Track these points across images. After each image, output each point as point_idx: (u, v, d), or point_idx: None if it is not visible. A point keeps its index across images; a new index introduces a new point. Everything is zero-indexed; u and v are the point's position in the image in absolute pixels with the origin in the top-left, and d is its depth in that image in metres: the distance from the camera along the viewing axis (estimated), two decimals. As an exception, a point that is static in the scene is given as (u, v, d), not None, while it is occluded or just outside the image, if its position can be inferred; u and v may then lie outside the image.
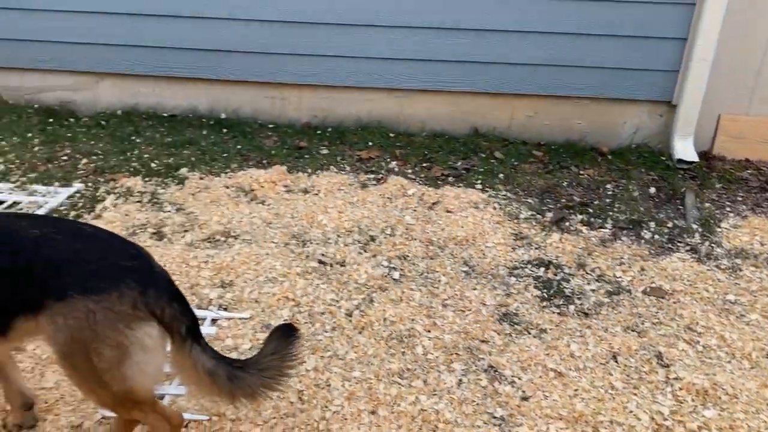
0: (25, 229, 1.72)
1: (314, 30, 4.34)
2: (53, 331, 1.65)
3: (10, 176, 3.81)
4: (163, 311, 1.68)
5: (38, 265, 1.65)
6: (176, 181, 3.81)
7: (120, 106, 4.70)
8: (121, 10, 4.37)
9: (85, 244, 1.72)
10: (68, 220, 1.91)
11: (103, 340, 1.63)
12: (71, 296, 1.62)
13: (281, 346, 1.81)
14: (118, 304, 1.63)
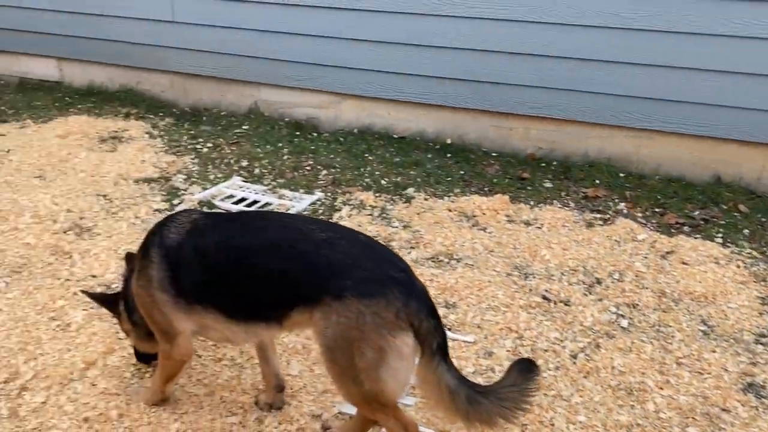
0: (314, 232, 1.92)
1: (548, 63, 4.33)
2: (324, 326, 1.81)
3: (263, 179, 4.29)
4: (420, 324, 1.77)
5: (322, 264, 1.83)
6: (403, 199, 4.02)
7: (357, 125, 5.08)
8: (365, 36, 4.74)
9: (362, 252, 1.88)
10: (347, 228, 2.08)
11: (367, 341, 1.76)
12: (347, 297, 1.77)
13: (521, 379, 1.83)
14: (384, 310, 1.75)
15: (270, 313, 1.94)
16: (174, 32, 5.30)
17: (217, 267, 1.96)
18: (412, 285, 1.84)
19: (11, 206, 3.69)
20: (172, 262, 2.01)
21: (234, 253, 1.94)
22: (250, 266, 1.91)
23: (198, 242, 2.01)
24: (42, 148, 4.57)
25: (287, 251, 1.88)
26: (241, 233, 2.00)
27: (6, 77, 6.16)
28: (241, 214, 2.31)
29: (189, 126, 5.17)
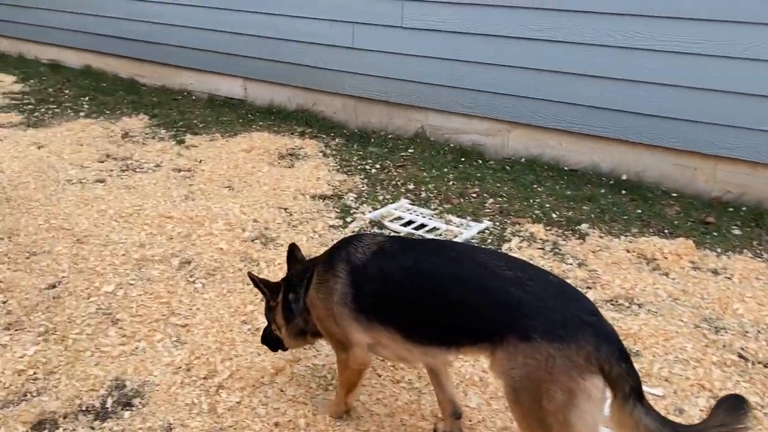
0: (502, 270, 1.92)
1: (745, 101, 4.02)
2: (509, 367, 1.81)
3: (430, 203, 4.35)
4: (611, 368, 1.72)
5: (511, 303, 1.83)
6: (576, 235, 3.88)
7: (524, 155, 5.01)
8: (538, 66, 4.68)
9: (552, 294, 1.85)
10: (537, 267, 2.06)
11: (556, 383, 1.73)
12: (536, 339, 1.76)
13: (730, 419, 1.70)
14: (575, 354, 1.72)
15: (449, 341, 1.97)
16: (352, 58, 5.55)
17: (402, 290, 2.02)
18: (602, 329, 1.80)
19: (206, 213, 4.02)
20: (356, 280, 2.09)
21: (420, 279, 1.99)
22: (435, 294, 1.95)
23: (384, 264, 2.09)
24: (229, 161, 4.95)
25: (475, 285, 1.91)
26: (428, 260, 2.04)
27: (197, 93, 6.77)
28: (428, 242, 2.33)
29: (358, 147, 5.37)
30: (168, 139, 5.42)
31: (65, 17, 7.50)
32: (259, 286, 2.40)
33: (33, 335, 2.78)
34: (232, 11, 6.16)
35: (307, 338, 2.40)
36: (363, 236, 2.26)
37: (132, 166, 4.83)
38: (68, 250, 3.50)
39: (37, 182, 4.43)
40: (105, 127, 5.67)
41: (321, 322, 2.22)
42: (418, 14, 5.09)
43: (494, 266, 1.94)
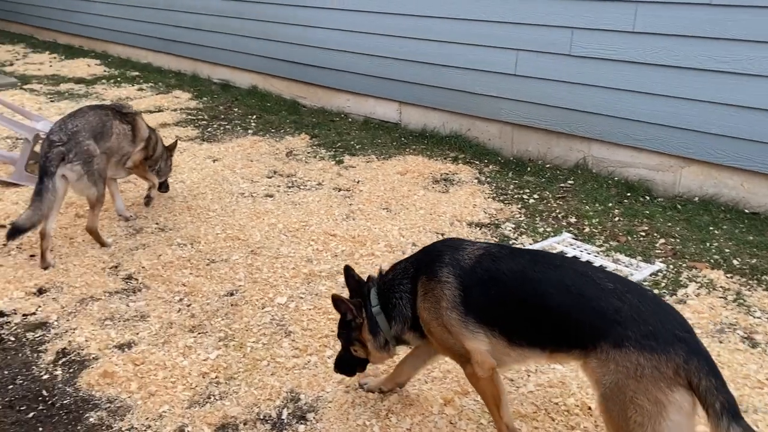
0: (603, 281, 1.97)
1: None
2: (602, 374, 1.85)
3: (594, 239, 4.15)
4: (699, 381, 1.73)
5: (608, 312, 1.87)
6: (763, 285, 3.53)
7: (698, 193, 4.67)
8: (720, 99, 4.35)
9: (648, 307, 1.87)
10: (635, 283, 2.08)
11: (645, 393, 1.76)
12: (628, 347, 1.81)
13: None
14: (664, 365, 1.76)
15: (546, 345, 2.03)
16: (512, 84, 5.49)
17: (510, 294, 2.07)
18: (695, 344, 1.81)
19: (367, 233, 4.10)
20: (465, 284, 2.11)
21: (526, 284, 2.05)
22: (540, 299, 1.99)
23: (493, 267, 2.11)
24: (386, 183, 5.04)
25: (577, 293, 1.95)
26: (534, 267, 2.08)
27: (354, 115, 7.00)
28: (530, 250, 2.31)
29: (513, 175, 5.27)
30: (328, 159, 5.63)
31: (237, 40, 8.08)
32: (346, 305, 2.40)
33: (214, 339, 2.95)
34: (388, 37, 6.32)
35: (391, 349, 2.41)
36: (461, 241, 2.31)
37: (296, 183, 5.05)
38: (243, 260, 3.71)
39: (214, 193, 4.76)
40: (271, 144, 6.00)
41: (438, 333, 2.19)
42: (588, 43, 4.93)
43: (596, 277, 2.00)
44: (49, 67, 9.66)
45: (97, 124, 3.79)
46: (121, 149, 3.97)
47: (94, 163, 3.68)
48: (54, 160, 3.52)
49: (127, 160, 4.09)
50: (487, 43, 5.56)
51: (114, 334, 2.98)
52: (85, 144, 3.65)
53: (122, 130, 3.96)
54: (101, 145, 3.78)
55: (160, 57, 9.57)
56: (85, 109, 3.92)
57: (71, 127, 3.67)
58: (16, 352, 2.87)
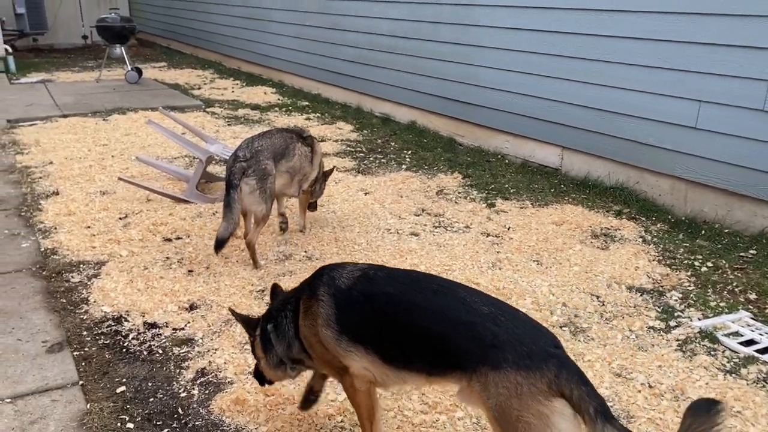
0: (478, 305, 2.03)
1: None
2: (486, 397, 1.93)
3: None
4: (571, 391, 1.83)
5: (486, 337, 1.95)
6: None
7: None
8: None
9: (522, 329, 1.97)
10: (507, 304, 2.12)
11: (527, 409, 1.86)
12: (505, 368, 1.89)
13: (701, 420, 1.77)
14: (538, 381, 1.86)
15: (424, 369, 2.09)
16: (692, 138, 4.99)
17: (384, 316, 2.13)
18: (565, 359, 1.93)
19: (513, 286, 3.88)
20: (339, 303, 2.18)
21: (401, 307, 2.10)
22: (416, 323, 2.07)
23: (368, 289, 2.18)
24: (539, 232, 4.77)
25: (453, 318, 2.01)
26: (410, 291, 2.14)
27: (511, 157, 6.80)
28: (412, 272, 2.36)
29: (684, 237, 4.76)
30: (479, 201, 5.47)
31: (399, 76, 8.24)
32: (240, 321, 2.55)
33: (344, 380, 2.89)
34: (554, 79, 6.07)
35: (287, 371, 2.45)
36: (344, 264, 2.33)
37: (444, 223, 4.95)
38: (382, 300, 3.64)
39: (361, 227, 4.79)
40: (422, 181, 5.97)
41: (312, 351, 2.30)
42: (787, 97, 4.36)
43: (472, 302, 2.05)
44: (231, 92, 10.51)
45: (280, 145, 4.13)
46: (302, 169, 4.29)
47: (268, 181, 3.96)
48: (237, 174, 3.87)
49: (306, 180, 4.38)
50: (665, 92, 5.12)
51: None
52: (264, 163, 3.96)
53: (304, 151, 4.29)
54: (283, 164, 4.11)
55: (329, 89, 10.03)
56: (273, 131, 4.29)
57: (256, 146, 4.02)
58: (161, 365, 3.01)
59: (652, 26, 5.13)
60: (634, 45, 5.30)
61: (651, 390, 2.91)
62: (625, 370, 3.06)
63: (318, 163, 4.49)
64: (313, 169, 4.43)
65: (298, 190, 4.40)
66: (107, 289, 3.74)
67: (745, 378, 3.03)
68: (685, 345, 3.31)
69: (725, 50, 4.67)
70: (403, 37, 8.08)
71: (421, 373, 2.11)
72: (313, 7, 9.94)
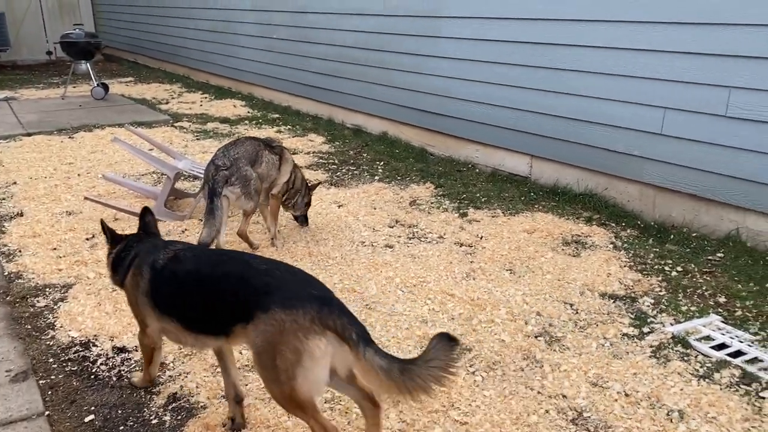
0: (259, 264, 2.36)
1: None
2: (255, 336, 2.21)
3: (747, 325, 3.65)
4: (335, 322, 2.12)
5: (259, 287, 2.23)
6: None
7: None
8: None
9: (294, 280, 2.29)
10: (287, 264, 2.45)
11: (286, 343, 2.13)
12: (273, 309, 2.16)
13: (442, 346, 2.09)
14: (301, 317, 2.13)
15: (219, 331, 2.37)
16: (658, 144, 5.07)
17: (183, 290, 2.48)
18: (328, 298, 2.21)
19: (488, 296, 3.88)
20: (155, 280, 2.55)
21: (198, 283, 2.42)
22: (209, 290, 2.38)
23: (174, 268, 2.52)
24: (511, 241, 4.79)
25: (236, 278, 2.33)
26: (206, 266, 2.46)
27: (481, 166, 6.83)
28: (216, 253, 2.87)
29: (654, 242, 4.82)
30: (451, 211, 5.48)
31: (370, 88, 8.24)
32: (107, 235, 2.85)
33: (319, 401, 2.84)
34: (522, 89, 6.12)
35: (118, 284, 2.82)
36: (168, 243, 2.70)
37: (417, 234, 4.94)
38: (357, 315, 3.57)
39: (335, 240, 4.75)
40: (395, 192, 5.96)
41: (130, 305, 2.72)
42: (748, 104, 4.45)
43: (253, 263, 2.37)
44: (200, 106, 10.40)
45: (252, 152, 4.35)
46: (269, 176, 4.49)
47: (251, 185, 4.26)
48: (220, 182, 4.12)
49: (274, 186, 4.58)
50: (631, 100, 5.20)
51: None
52: (244, 169, 4.23)
53: (271, 159, 4.49)
54: (254, 169, 4.35)
55: (300, 101, 9.99)
56: (243, 140, 4.48)
57: (233, 153, 4.26)
58: (131, 391, 2.93)
59: (617, 36, 5.21)
60: (599, 54, 5.37)
61: (627, 398, 2.92)
62: (601, 379, 3.07)
63: (287, 170, 4.62)
64: (281, 175, 4.59)
65: (265, 195, 4.57)
66: (74, 313, 3.64)
67: (719, 383, 3.07)
68: (658, 351, 3.34)
69: (688, 58, 4.76)
70: (371, 49, 8.09)
71: (219, 336, 2.38)
72: (282, 20, 9.90)
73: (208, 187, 4.12)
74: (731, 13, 4.45)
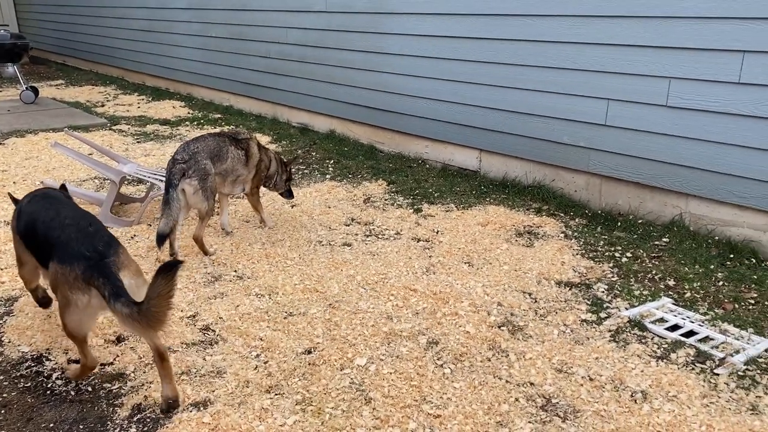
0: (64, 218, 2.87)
1: None
2: (49, 275, 2.79)
3: (696, 306, 3.81)
4: (96, 282, 2.56)
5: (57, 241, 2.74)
6: None
7: (815, 258, 4.24)
8: None
9: (78, 235, 2.73)
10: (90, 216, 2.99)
11: (61, 290, 2.69)
12: (55, 262, 2.69)
13: (162, 277, 2.43)
14: (68, 273, 2.62)
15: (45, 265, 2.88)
16: (602, 135, 5.23)
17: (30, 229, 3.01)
18: (98, 260, 2.62)
19: (449, 289, 3.91)
20: (19, 218, 3.13)
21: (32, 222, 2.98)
22: (38, 230, 2.92)
23: (26, 209, 3.11)
24: (466, 234, 4.85)
25: (45, 226, 2.86)
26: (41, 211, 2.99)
27: (431, 162, 6.88)
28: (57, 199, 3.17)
29: (602, 230, 4.97)
30: (406, 207, 5.49)
31: (315, 85, 8.17)
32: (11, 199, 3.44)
33: (291, 402, 2.80)
34: (469, 84, 6.20)
35: None
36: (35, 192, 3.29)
37: (374, 231, 4.93)
38: (322, 314, 3.57)
39: (292, 240, 4.69)
40: (348, 190, 5.93)
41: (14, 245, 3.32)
42: (687, 93, 4.64)
43: (65, 216, 2.89)
44: (137, 108, 10.07)
45: (214, 147, 4.38)
46: (235, 171, 4.55)
47: (208, 180, 4.25)
48: (176, 175, 4.15)
49: (241, 180, 4.66)
50: (576, 92, 5.34)
51: (190, 390, 2.88)
52: (203, 163, 4.24)
53: (237, 155, 4.53)
54: (217, 166, 4.37)
55: (242, 100, 9.81)
56: (206, 135, 4.50)
57: (193, 148, 4.28)
58: (92, 404, 2.81)
59: (560, 29, 5.34)
60: (544, 48, 5.50)
61: (592, 383, 3.00)
62: (565, 365, 3.15)
63: (253, 165, 4.69)
64: (249, 171, 4.67)
65: (231, 190, 4.67)
66: (22, 327, 3.46)
67: (676, 363, 3.19)
68: (617, 335, 3.45)
69: (629, 50, 4.92)
70: (315, 46, 8.02)
71: (47, 269, 2.82)
72: (218, 18, 9.70)
73: (166, 180, 4.19)
74: (669, 6, 4.63)
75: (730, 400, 2.89)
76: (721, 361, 3.20)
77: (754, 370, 3.13)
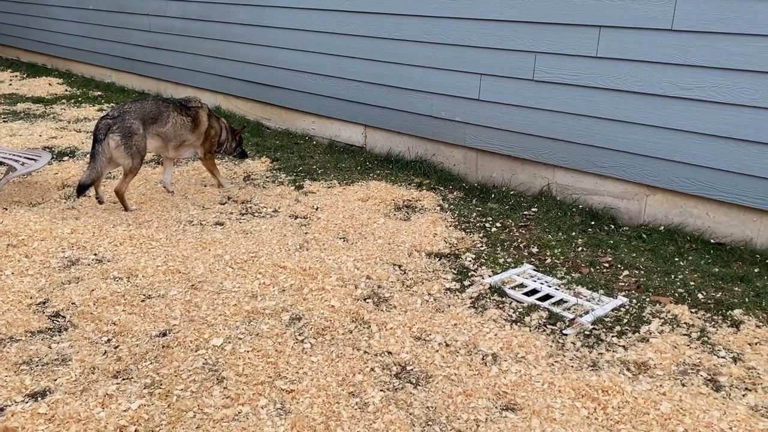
0: None
1: None
2: None
3: (555, 271, 3.99)
4: None
5: None
6: (728, 321, 3.38)
7: (664, 223, 4.54)
8: (690, 128, 4.24)
9: None
10: None
11: None
12: None
13: None
14: None
15: None
16: (476, 109, 5.35)
17: None
18: None
19: (320, 265, 3.90)
20: None
21: None
22: None
23: None
24: (345, 210, 4.85)
25: None
26: None
27: (318, 138, 6.82)
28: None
29: (477, 202, 5.12)
30: (287, 184, 5.43)
31: (199, 60, 7.89)
32: None
33: (139, 387, 2.71)
34: (353, 59, 6.18)
35: None
36: None
37: (251, 210, 4.84)
38: (182, 296, 3.47)
39: (160, 221, 4.52)
40: (229, 168, 5.78)
41: None
42: (551, 68, 4.82)
43: None
44: (9, 85, 9.39)
45: (151, 110, 4.66)
46: (179, 136, 4.85)
47: (133, 138, 4.53)
48: (102, 130, 4.49)
49: (189, 144, 4.98)
50: (451, 67, 5.43)
51: (29, 381, 2.73)
52: (129, 122, 4.52)
53: (182, 120, 4.82)
54: (154, 128, 4.66)
55: (124, 76, 9.34)
56: (148, 99, 4.83)
57: (126, 108, 4.60)
58: None
59: (438, 3, 5.38)
60: (420, 23, 5.54)
61: (447, 348, 3.08)
62: (424, 332, 3.21)
63: (202, 132, 4.99)
64: (198, 137, 4.98)
65: (177, 154, 4.98)
66: None
67: (528, 325, 3.33)
68: (477, 302, 3.56)
69: (499, 25, 5.04)
70: (196, 19, 7.73)
71: None
72: (97, -11, 9.15)
73: (93, 135, 4.52)
74: (532, -17, 4.77)
75: (574, 358, 3.05)
76: (570, 322, 3.37)
77: (600, 329, 3.32)
